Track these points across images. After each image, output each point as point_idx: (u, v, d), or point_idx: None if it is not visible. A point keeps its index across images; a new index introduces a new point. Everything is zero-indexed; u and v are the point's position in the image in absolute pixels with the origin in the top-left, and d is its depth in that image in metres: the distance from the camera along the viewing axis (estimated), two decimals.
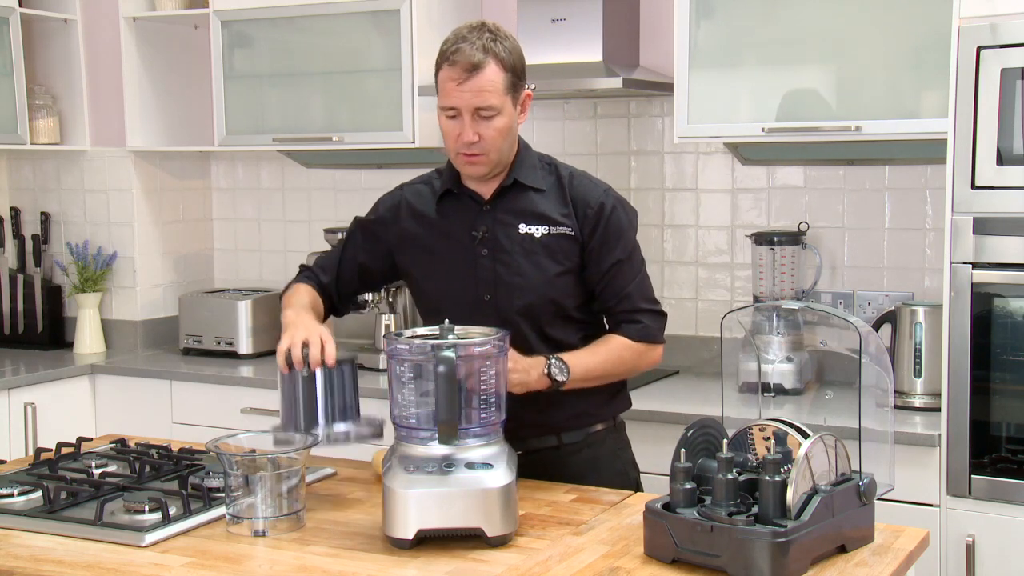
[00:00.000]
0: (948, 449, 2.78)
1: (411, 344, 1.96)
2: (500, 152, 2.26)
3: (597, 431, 2.41)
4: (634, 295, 2.33)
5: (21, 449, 3.67)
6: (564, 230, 2.30)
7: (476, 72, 2.17)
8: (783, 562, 1.73)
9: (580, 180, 2.35)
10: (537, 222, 2.30)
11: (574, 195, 2.32)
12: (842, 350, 2.73)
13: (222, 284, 4.48)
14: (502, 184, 2.32)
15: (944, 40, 2.81)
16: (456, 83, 2.19)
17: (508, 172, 2.32)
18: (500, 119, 2.22)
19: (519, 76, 2.25)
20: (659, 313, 2.38)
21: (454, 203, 2.36)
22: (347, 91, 3.81)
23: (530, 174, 2.33)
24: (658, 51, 3.63)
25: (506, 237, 2.29)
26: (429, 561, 1.87)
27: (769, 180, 3.60)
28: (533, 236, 2.30)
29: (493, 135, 2.22)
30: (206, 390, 3.78)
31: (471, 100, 2.19)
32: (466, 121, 2.20)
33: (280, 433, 2.12)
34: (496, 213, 2.32)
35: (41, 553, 1.95)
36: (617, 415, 2.47)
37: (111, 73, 4.21)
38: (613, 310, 2.35)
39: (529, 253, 2.29)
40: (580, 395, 2.31)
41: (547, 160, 2.39)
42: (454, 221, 2.35)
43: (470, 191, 2.34)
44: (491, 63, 2.18)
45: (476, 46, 2.18)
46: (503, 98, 2.21)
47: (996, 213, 2.72)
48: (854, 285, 3.50)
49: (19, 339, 4.34)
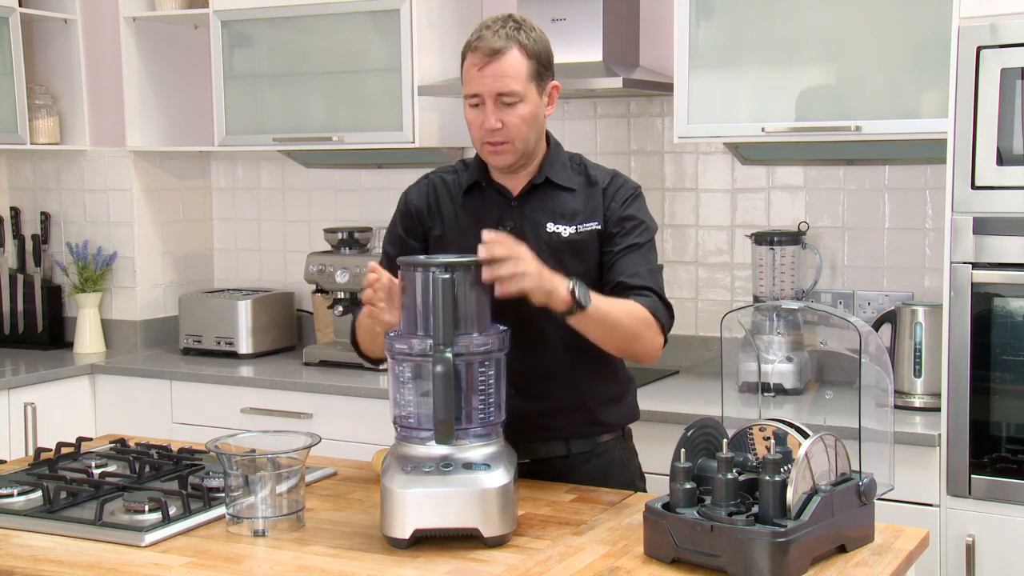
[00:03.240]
0: (948, 449, 2.78)
1: (411, 344, 1.96)
2: (526, 142, 2.24)
3: (605, 441, 2.38)
4: (645, 276, 2.27)
5: (21, 449, 3.66)
6: (591, 225, 2.28)
7: (497, 57, 2.17)
8: (783, 562, 1.73)
9: (612, 174, 2.34)
10: (565, 221, 2.28)
11: (604, 182, 2.31)
12: (842, 350, 2.74)
13: (222, 284, 4.48)
14: (532, 181, 2.30)
15: (944, 40, 2.81)
16: (478, 68, 2.18)
17: (539, 170, 2.30)
18: (523, 107, 2.20)
19: (544, 66, 2.24)
20: (668, 304, 2.29)
21: (481, 196, 2.33)
22: (347, 91, 3.81)
23: (561, 173, 2.31)
24: (658, 51, 3.62)
25: (533, 235, 2.26)
26: (429, 561, 1.87)
27: (769, 180, 3.59)
28: (560, 235, 2.27)
29: (516, 122, 2.20)
30: (206, 390, 3.78)
31: (492, 85, 2.17)
32: (488, 108, 2.19)
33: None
34: (524, 209, 2.30)
35: (41, 553, 1.95)
36: (626, 425, 2.44)
37: (111, 73, 4.21)
38: (623, 284, 2.25)
39: (555, 252, 2.25)
40: (585, 398, 2.30)
41: (577, 160, 2.37)
42: (481, 214, 2.31)
43: (498, 185, 2.32)
44: (513, 49, 2.18)
45: (499, 34, 2.18)
46: (526, 85, 2.20)
47: (996, 213, 2.72)
48: (854, 285, 3.50)
49: (19, 339, 4.34)
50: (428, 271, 1.94)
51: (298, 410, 3.60)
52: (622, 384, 2.41)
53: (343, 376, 3.68)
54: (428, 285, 1.94)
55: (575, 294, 2.04)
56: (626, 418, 2.43)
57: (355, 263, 3.82)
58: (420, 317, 1.96)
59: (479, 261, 1.96)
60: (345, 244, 3.94)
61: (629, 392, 2.44)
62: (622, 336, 2.18)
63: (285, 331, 4.18)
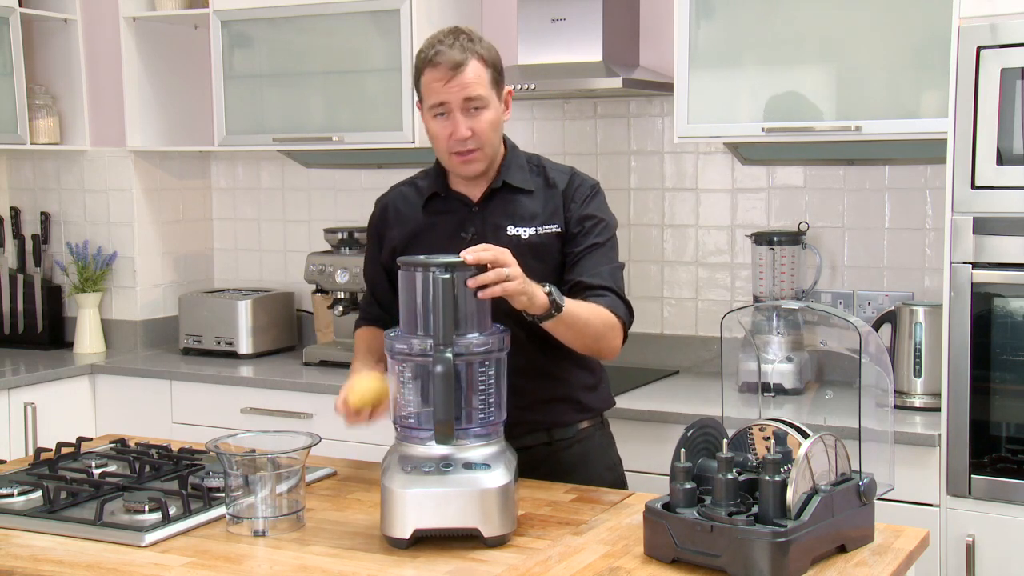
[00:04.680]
0: (948, 449, 2.78)
1: (411, 344, 1.96)
2: (493, 147, 2.29)
3: (585, 428, 2.44)
4: (606, 275, 2.31)
5: (21, 449, 3.66)
6: (551, 228, 2.32)
7: (460, 69, 2.20)
8: (783, 562, 1.73)
9: (570, 174, 2.38)
10: (525, 223, 2.32)
11: (563, 184, 2.35)
12: (842, 350, 2.74)
13: (222, 284, 4.48)
14: (491, 186, 2.34)
15: (944, 40, 2.81)
16: (443, 82, 2.21)
17: (497, 174, 2.34)
18: (489, 112, 2.24)
19: (500, 72, 2.29)
20: (627, 302, 2.33)
21: (442, 205, 2.38)
22: (347, 91, 3.81)
23: (518, 175, 2.35)
24: (658, 51, 3.63)
25: (495, 239, 2.26)
26: (429, 561, 1.87)
27: (769, 180, 3.60)
28: (521, 237, 2.31)
29: (484, 128, 2.24)
30: (206, 390, 3.78)
31: (460, 93, 2.21)
32: (457, 118, 2.22)
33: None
34: (484, 215, 2.34)
35: (41, 553, 1.95)
36: (602, 412, 2.50)
37: (111, 73, 4.21)
38: (583, 284, 2.28)
39: (517, 255, 2.25)
40: (565, 389, 2.37)
41: (535, 161, 2.40)
42: (442, 223, 2.36)
43: (458, 193, 2.36)
44: (473, 60, 2.22)
45: (455, 47, 2.21)
46: (489, 91, 2.24)
47: (996, 213, 2.72)
48: (854, 285, 3.50)
49: (19, 339, 4.34)
50: (428, 271, 1.94)
51: (298, 410, 3.60)
52: (596, 373, 2.47)
53: (343, 376, 3.61)
54: (428, 285, 1.94)
55: (552, 297, 2.09)
56: (602, 404, 2.49)
57: (355, 263, 3.81)
58: (420, 317, 1.96)
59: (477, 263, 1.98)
60: (345, 244, 3.94)
61: (603, 380, 2.50)
62: (590, 336, 2.24)
63: (285, 331, 4.19)
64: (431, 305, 1.93)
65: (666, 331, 3.74)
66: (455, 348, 1.91)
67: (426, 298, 1.95)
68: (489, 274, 1.96)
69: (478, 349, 1.95)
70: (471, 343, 1.95)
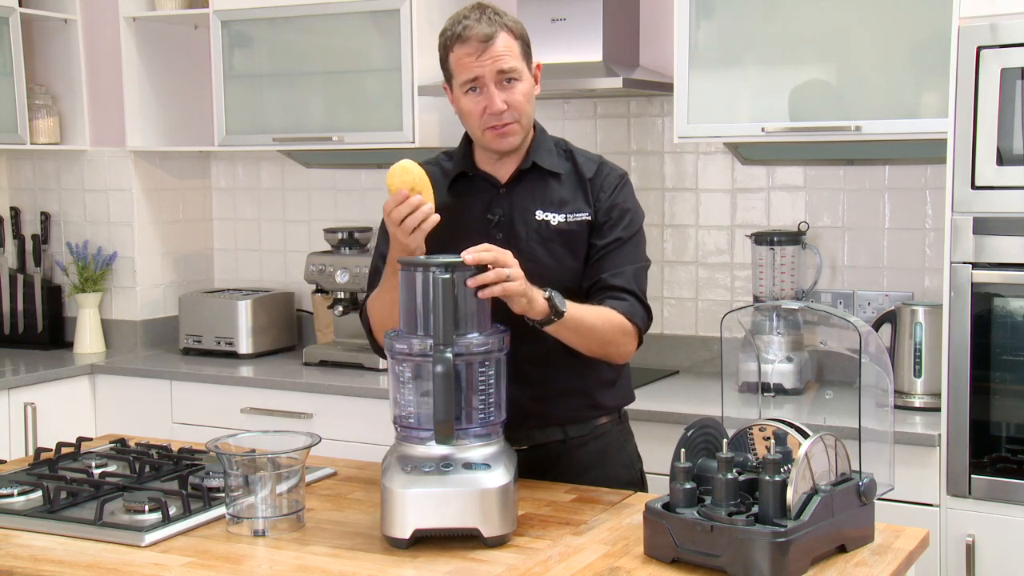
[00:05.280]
0: (948, 449, 2.78)
1: (411, 344, 1.96)
2: (529, 119, 2.24)
3: (603, 423, 2.38)
4: (628, 276, 2.27)
5: (21, 449, 3.67)
6: (582, 216, 2.28)
7: (491, 41, 2.17)
8: (783, 562, 1.73)
9: (599, 163, 2.33)
10: (554, 209, 2.27)
11: (591, 172, 2.30)
12: (842, 350, 2.74)
13: (222, 284, 4.48)
14: (520, 167, 2.29)
15: (944, 40, 2.81)
16: (474, 56, 2.17)
17: (526, 155, 2.29)
18: (523, 84, 2.21)
19: (528, 45, 2.25)
20: (647, 307, 2.29)
21: (468, 185, 2.32)
22: (347, 91, 3.81)
23: (547, 158, 2.30)
24: (658, 51, 3.63)
25: (522, 223, 2.26)
26: (429, 561, 1.87)
27: (769, 180, 3.60)
28: (550, 223, 2.26)
29: (520, 100, 2.20)
30: (206, 390, 3.78)
31: (493, 66, 2.17)
32: (492, 91, 2.18)
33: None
34: (512, 197, 2.28)
35: (41, 553, 1.95)
36: (621, 408, 2.44)
37: (111, 73, 4.21)
38: (603, 283, 2.26)
39: (545, 240, 2.25)
40: (581, 383, 2.30)
41: (563, 145, 2.36)
42: (469, 204, 2.30)
43: (485, 173, 2.31)
44: (502, 32, 2.18)
45: (483, 21, 2.18)
46: (521, 63, 2.21)
47: (996, 213, 2.72)
48: (854, 285, 3.50)
49: (19, 339, 4.34)
50: (428, 271, 1.94)
51: (298, 410, 3.60)
52: (616, 368, 2.38)
53: (343, 376, 3.68)
54: (428, 285, 1.94)
55: (551, 302, 2.06)
56: (622, 400, 2.43)
57: (355, 263, 3.82)
58: (420, 317, 1.96)
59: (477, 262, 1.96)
60: (345, 244, 3.94)
61: (624, 375, 2.42)
62: (596, 341, 2.20)
63: (285, 331, 4.19)
64: (431, 305, 1.93)
65: (666, 331, 3.74)
66: (455, 348, 1.91)
67: (426, 298, 1.94)
68: (489, 274, 1.95)
69: (478, 349, 1.95)
70: (471, 343, 1.95)
